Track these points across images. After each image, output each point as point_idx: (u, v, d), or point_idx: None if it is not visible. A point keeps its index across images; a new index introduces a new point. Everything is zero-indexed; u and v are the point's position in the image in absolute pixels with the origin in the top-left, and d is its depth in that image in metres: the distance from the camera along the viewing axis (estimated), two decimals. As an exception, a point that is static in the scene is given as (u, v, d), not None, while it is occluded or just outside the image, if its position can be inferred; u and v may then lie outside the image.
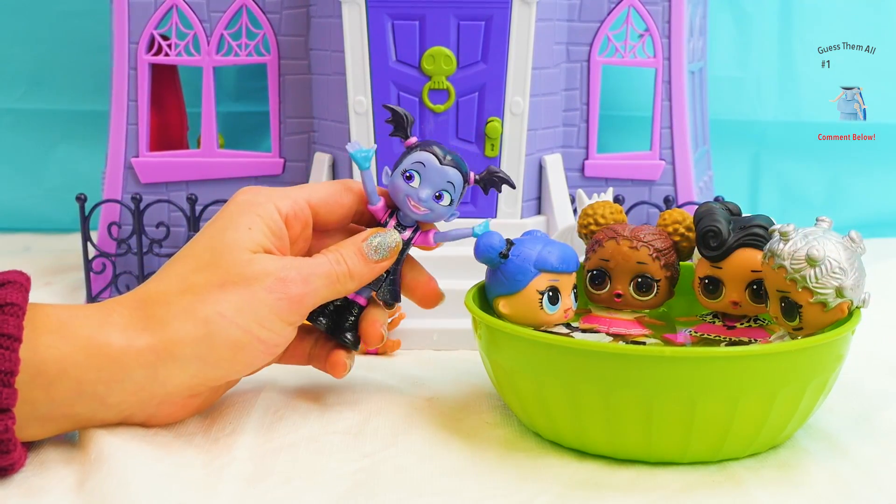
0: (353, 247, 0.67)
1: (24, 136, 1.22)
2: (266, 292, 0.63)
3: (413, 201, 0.67)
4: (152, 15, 0.93)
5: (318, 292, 0.65)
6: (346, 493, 0.58)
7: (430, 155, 0.67)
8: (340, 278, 0.66)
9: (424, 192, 0.67)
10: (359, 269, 0.67)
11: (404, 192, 0.67)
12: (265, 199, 0.67)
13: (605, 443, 0.62)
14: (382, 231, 0.68)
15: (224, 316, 0.62)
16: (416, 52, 0.85)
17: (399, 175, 0.67)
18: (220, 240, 0.65)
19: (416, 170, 0.67)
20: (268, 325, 0.64)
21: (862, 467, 0.62)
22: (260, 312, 0.63)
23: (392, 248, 0.68)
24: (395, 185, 0.67)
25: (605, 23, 0.94)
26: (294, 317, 0.65)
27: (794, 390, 0.60)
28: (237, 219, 0.66)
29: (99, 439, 0.62)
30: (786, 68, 1.22)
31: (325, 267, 0.66)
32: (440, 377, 0.77)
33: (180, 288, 0.63)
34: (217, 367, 0.63)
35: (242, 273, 0.63)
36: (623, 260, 0.70)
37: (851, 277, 0.61)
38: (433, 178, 0.67)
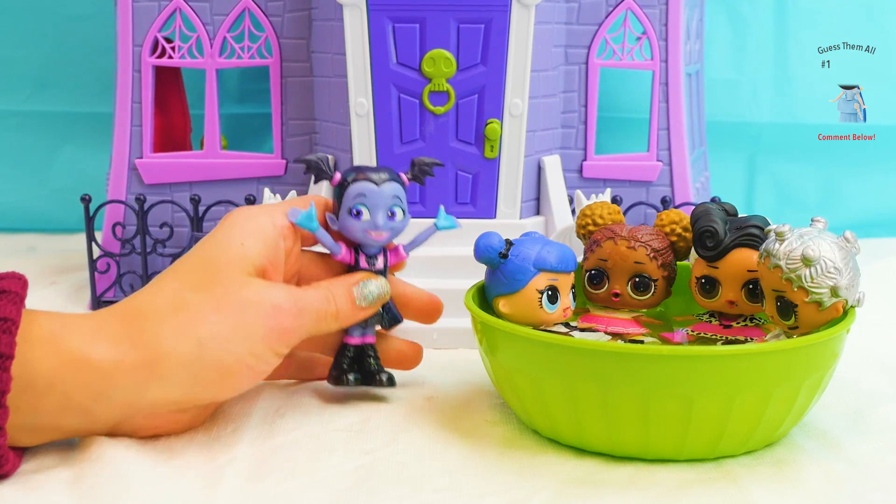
0: (344, 288, 0.67)
1: (29, 138, 1.22)
2: (260, 320, 0.62)
3: (373, 233, 0.67)
4: (156, 18, 0.93)
5: (306, 327, 0.65)
6: (347, 489, 0.58)
7: (366, 183, 0.67)
8: (327, 318, 0.66)
9: (379, 219, 0.67)
10: (345, 313, 0.67)
11: (360, 229, 0.67)
12: (260, 212, 0.66)
13: (604, 440, 0.62)
14: (374, 278, 0.68)
15: (216, 341, 0.61)
16: (416, 54, 0.85)
17: (346, 216, 0.67)
18: (214, 257, 0.64)
19: (360, 203, 0.66)
20: (258, 353, 0.63)
21: (856, 464, 0.62)
22: (252, 340, 0.62)
23: (381, 298, 0.68)
24: (347, 227, 0.67)
25: (603, 26, 0.94)
26: (282, 348, 0.64)
27: (790, 388, 0.60)
28: (231, 233, 0.65)
29: (100, 436, 0.62)
30: (781, 70, 1.22)
31: (316, 303, 0.65)
32: (440, 376, 0.77)
33: (174, 305, 0.62)
34: (205, 388, 0.62)
35: (237, 297, 0.62)
36: (621, 260, 0.70)
37: (846, 277, 0.61)
38: (379, 203, 0.67)
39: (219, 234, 0.65)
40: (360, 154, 0.87)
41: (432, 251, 0.86)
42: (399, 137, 0.87)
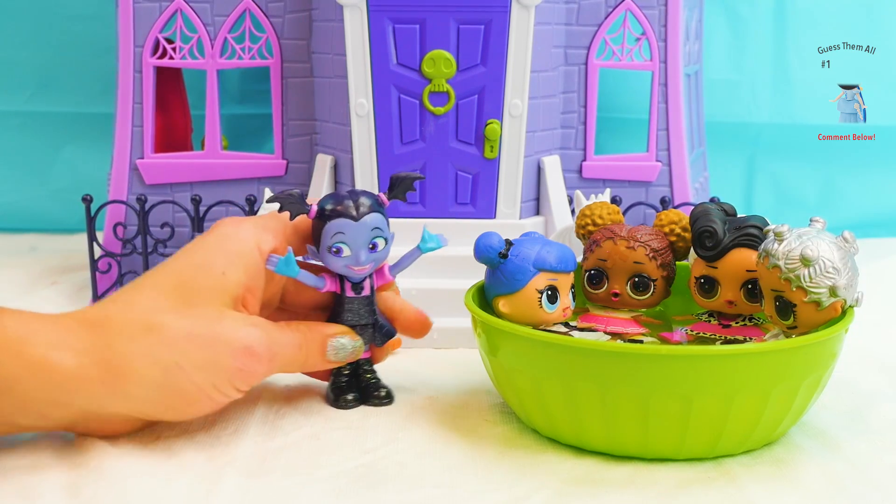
0: (319, 339, 0.67)
1: (31, 138, 1.22)
2: (230, 358, 0.62)
3: (355, 268, 0.66)
4: (157, 19, 0.93)
5: (272, 371, 0.65)
6: (346, 487, 0.58)
7: (344, 220, 0.65)
8: (294, 364, 0.66)
9: (361, 255, 0.66)
10: (313, 362, 0.67)
11: (343, 265, 0.66)
12: (248, 235, 0.65)
13: (603, 439, 0.62)
14: (352, 336, 0.68)
15: (183, 370, 0.60)
16: (416, 55, 0.85)
17: (326, 253, 0.65)
18: (194, 281, 0.63)
19: (339, 242, 0.65)
20: (222, 389, 0.62)
21: (855, 463, 0.62)
22: (218, 377, 0.62)
23: (352, 356, 0.68)
24: (329, 263, 0.66)
25: (603, 26, 0.94)
26: (245, 387, 0.64)
27: (789, 388, 0.60)
28: (215, 259, 0.63)
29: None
30: (780, 71, 1.22)
31: (291, 349, 0.65)
32: (440, 375, 0.77)
33: (146, 324, 0.60)
34: (164, 411, 0.62)
35: (211, 330, 0.61)
36: (620, 260, 0.70)
37: (845, 277, 0.61)
38: (359, 238, 0.65)
39: (202, 256, 0.64)
40: (361, 154, 0.87)
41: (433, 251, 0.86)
42: (399, 138, 0.87)
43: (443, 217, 0.88)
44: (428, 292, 0.84)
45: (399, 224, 0.87)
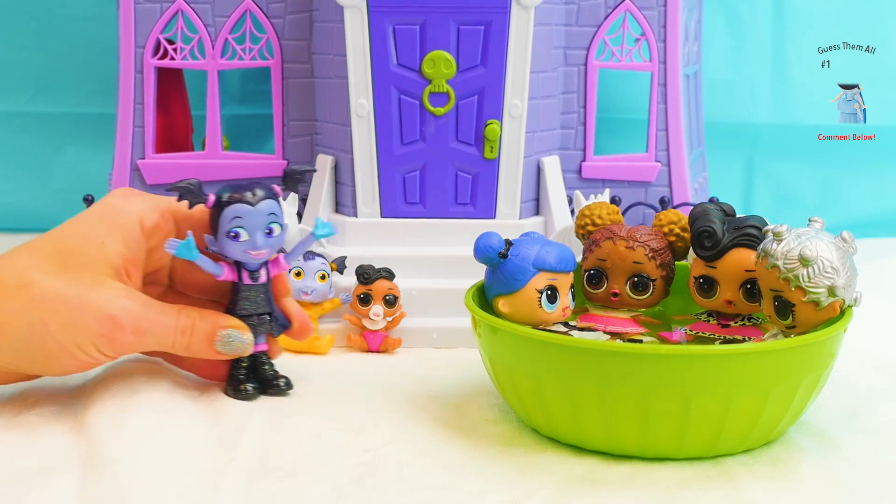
0: (209, 328, 0.67)
1: (32, 139, 1.22)
2: (94, 323, 0.64)
3: (253, 253, 0.67)
4: (158, 19, 0.93)
5: (144, 346, 0.66)
6: (347, 486, 0.58)
7: (242, 205, 0.66)
8: (176, 346, 0.67)
9: (257, 239, 0.67)
10: (198, 350, 0.68)
11: (240, 250, 0.67)
12: (132, 208, 0.67)
13: (602, 439, 0.62)
14: (242, 330, 0.68)
15: (47, 327, 0.63)
16: (416, 55, 0.85)
17: (224, 238, 0.67)
18: (73, 248, 0.65)
19: (236, 226, 0.66)
20: (85, 349, 0.64)
21: (853, 463, 0.62)
22: (81, 338, 0.64)
23: (239, 352, 0.69)
24: (227, 249, 0.67)
25: (602, 27, 0.94)
26: (111, 353, 0.65)
27: (787, 387, 0.60)
28: (95, 229, 0.66)
29: (104, 433, 0.62)
30: (779, 72, 1.22)
31: (166, 330, 0.66)
32: (440, 375, 0.77)
33: (20, 281, 0.64)
34: (29, 364, 0.65)
35: (82, 295, 0.64)
36: (620, 260, 0.70)
37: (843, 277, 0.61)
38: (256, 222, 0.67)
39: (84, 225, 0.66)
40: (361, 155, 0.87)
41: (433, 251, 0.86)
42: (399, 138, 0.87)
43: (443, 217, 0.88)
44: (428, 292, 0.84)
45: (399, 224, 0.88)
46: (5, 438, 0.64)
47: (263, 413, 0.69)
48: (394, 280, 0.82)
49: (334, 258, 0.84)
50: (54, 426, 0.66)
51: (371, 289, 0.81)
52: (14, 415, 0.67)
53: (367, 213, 0.88)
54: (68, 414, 0.67)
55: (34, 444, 0.63)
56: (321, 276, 0.82)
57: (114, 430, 0.63)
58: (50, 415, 0.67)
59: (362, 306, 0.82)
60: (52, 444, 0.63)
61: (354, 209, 0.88)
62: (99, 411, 0.66)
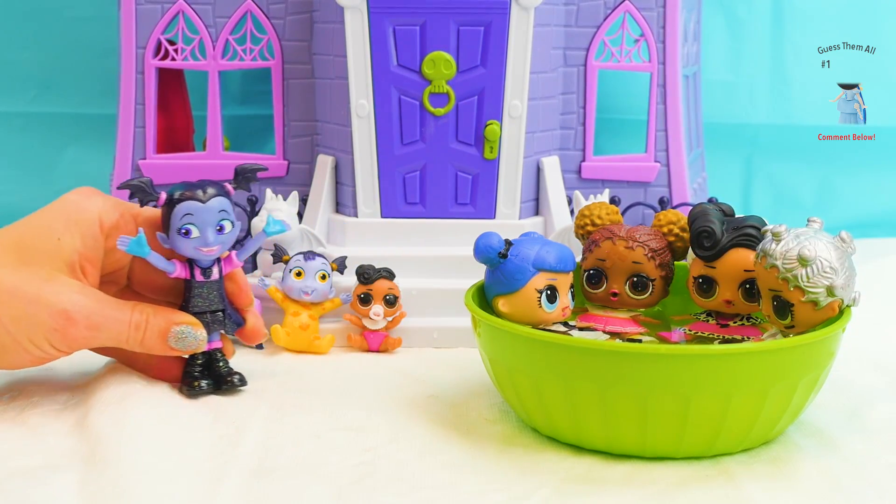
0: (163, 324, 0.68)
1: (34, 139, 1.22)
2: (48, 317, 0.64)
3: (204, 249, 0.68)
4: (159, 20, 0.93)
5: (97, 341, 0.67)
6: (348, 486, 0.58)
7: (192, 202, 0.67)
8: (130, 342, 0.67)
9: (209, 236, 0.68)
10: (152, 346, 0.68)
11: (192, 247, 0.68)
12: (93, 206, 0.68)
13: (602, 438, 0.62)
14: (196, 326, 0.69)
15: (0, 320, 0.64)
16: (416, 56, 0.85)
17: (176, 235, 0.68)
18: (30, 243, 0.66)
19: (188, 223, 0.67)
20: (37, 343, 0.65)
21: (851, 462, 0.62)
22: (34, 332, 0.65)
23: (193, 348, 0.69)
24: (179, 246, 0.68)
25: (602, 28, 0.94)
26: (65, 348, 0.66)
27: (786, 387, 0.60)
28: (54, 224, 0.67)
29: (105, 432, 0.62)
30: (778, 72, 1.22)
31: (119, 325, 0.67)
32: (440, 374, 0.77)
33: None
34: None
35: (35, 289, 0.64)
36: (619, 260, 0.70)
37: (842, 277, 0.62)
38: (207, 219, 0.68)
39: (44, 220, 0.67)
40: (361, 155, 0.87)
41: (433, 251, 0.86)
42: (400, 138, 0.87)
43: (443, 217, 0.88)
44: (428, 292, 0.84)
45: (399, 224, 0.88)
46: (8, 437, 0.64)
47: (263, 412, 0.69)
48: (394, 280, 0.82)
49: (335, 258, 0.84)
50: (56, 425, 0.66)
51: (371, 289, 0.82)
52: (16, 414, 0.67)
53: (367, 214, 0.88)
54: (70, 413, 0.67)
55: (36, 443, 0.63)
56: (321, 276, 0.82)
57: (115, 428, 0.63)
58: (52, 414, 0.67)
59: (362, 306, 0.82)
60: (54, 443, 0.63)
61: (355, 209, 0.88)
62: (100, 410, 0.66)
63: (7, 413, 0.67)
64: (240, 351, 0.81)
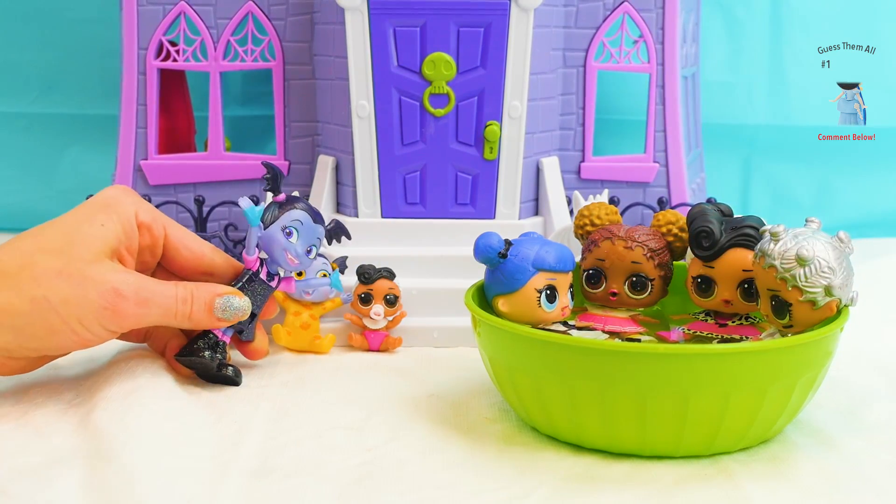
0: (208, 296, 0.69)
1: (36, 140, 1.22)
2: (97, 296, 0.65)
3: (290, 255, 0.72)
4: (161, 22, 0.93)
5: (148, 317, 0.67)
6: (349, 486, 0.58)
7: (305, 213, 0.72)
8: (178, 316, 0.68)
9: (301, 247, 0.72)
10: (200, 318, 0.69)
11: (283, 247, 0.71)
12: (130, 200, 0.69)
13: (601, 437, 0.62)
14: (240, 295, 0.70)
15: (49, 302, 0.64)
16: (417, 57, 0.85)
17: (279, 230, 0.71)
18: (74, 230, 0.67)
19: (295, 227, 0.71)
20: (87, 324, 0.65)
21: (849, 460, 0.62)
22: (83, 312, 0.65)
23: (239, 317, 0.70)
24: (273, 239, 0.71)
25: (601, 29, 0.94)
26: (115, 327, 0.66)
27: (784, 386, 0.60)
28: (96, 214, 0.68)
29: (109, 431, 0.62)
30: (776, 73, 1.22)
31: (167, 300, 0.67)
32: (440, 374, 0.77)
33: (21, 263, 0.65)
34: (30, 341, 0.65)
35: (83, 269, 0.65)
36: (618, 259, 0.70)
37: (840, 276, 0.62)
38: (308, 235, 0.72)
39: (84, 211, 0.68)
40: (362, 155, 0.87)
41: (433, 251, 0.86)
42: (400, 139, 0.87)
43: (443, 217, 0.88)
44: (428, 292, 0.84)
45: (400, 224, 0.88)
46: (13, 436, 0.64)
47: (265, 412, 0.69)
48: (394, 280, 0.82)
49: (335, 258, 0.84)
50: (60, 424, 0.66)
51: (372, 288, 0.82)
52: (21, 413, 0.67)
53: (367, 214, 0.88)
54: (74, 412, 0.67)
55: (41, 441, 0.63)
56: (322, 276, 0.82)
57: (118, 427, 0.63)
58: (56, 414, 0.67)
59: (363, 306, 0.82)
60: (58, 442, 0.63)
61: (355, 209, 0.88)
62: (103, 408, 0.66)
63: (12, 413, 0.67)
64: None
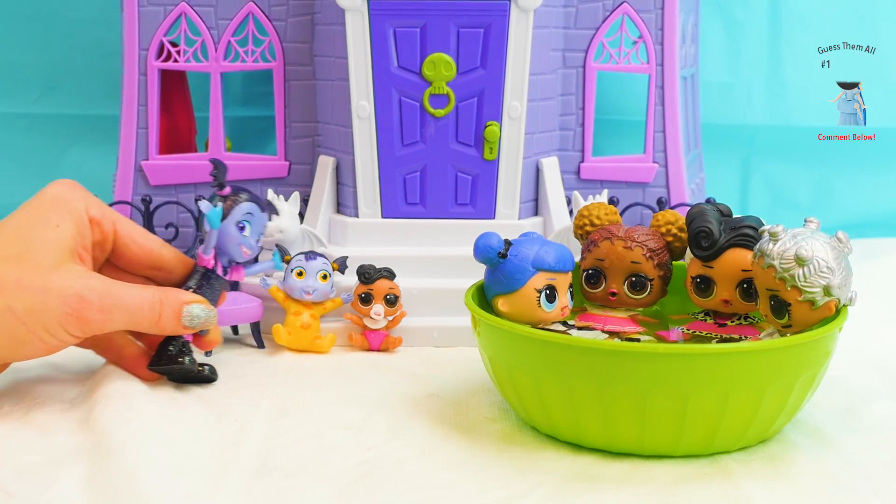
0: (176, 304, 0.68)
1: (37, 140, 1.22)
2: (60, 304, 0.64)
3: (245, 248, 0.72)
4: (162, 22, 0.93)
5: (113, 323, 0.66)
6: (349, 485, 0.58)
7: (253, 204, 0.72)
8: (145, 322, 0.67)
9: (253, 238, 0.72)
10: (167, 325, 0.68)
11: (237, 242, 0.71)
12: (79, 197, 0.69)
13: (601, 437, 0.62)
14: (207, 305, 0.69)
15: (14, 312, 0.64)
16: (417, 58, 0.85)
17: (233, 226, 0.71)
18: (28, 234, 0.66)
19: (247, 220, 0.71)
20: (52, 331, 0.65)
21: (848, 460, 0.62)
22: (48, 320, 0.64)
23: (205, 325, 0.69)
24: (228, 234, 0.71)
25: (600, 30, 0.94)
26: (79, 333, 0.66)
27: (783, 386, 0.60)
28: (47, 214, 0.67)
29: (109, 432, 0.62)
30: (775, 74, 1.22)
31: (134, 305, 0.66)
32: (440, 373, 0.77)
33: None
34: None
35: (44, 277, 0.64)
36: (618, 259, 0.70)
37: (838, 276, 0.62)
38: (258, 225, 0.72)
39: (34, 211, 0.67)
40: (362, 156, 0.87)
41: (433, 251, 0.86)
42: (400, 139, 0.87)
43: (443, 217, 0.88)
44: (428, 292, 0.84)
45: (400, 224, 0.88)
46: (16, 435, 0.64)
47: (265, 411, 0.69)
48: (394, 280, 0.82)
49: (336, 258, 0.84)
50: (62, 423, 0.66)
51: (372, 288, 0.82)
52: (23, 413, 0.67)
53: (368, 214, 0.88)
54: (75, 411, 0.68)
55: (43, 440, 0.63)
56: (323, 276, 0.82)
57: (119, 425, 0.63)
58: (57, 413, 0.68)
59: (363, 305, 0.82)
60: (59, 440, 0.63)
61: (356, 210, 0.88)
62: (105, 405, 0.66)
63: (14, 413, 0.67)
64: (243, 350, 0.82)
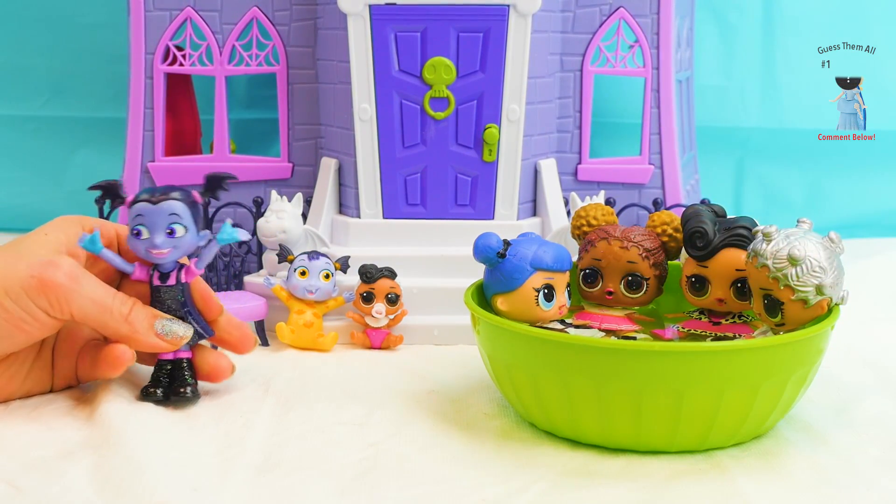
0: (150, 313, 0.67)
1: (46, 142, 1.22)
2: (25, 266, 0.63)
3: (153, 251, 0.66)
4: (167, 27, 0.93)
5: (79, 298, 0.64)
6: (351, 480, 0.58)
7: (143, 204, 0.66)
8: (115, 314, 0.65)
9: (157, 237, 0.66)
10: (139, 324, 0.66)
11: (143, 248, 0.66)
12: (76, 220, 0.68)
13: (597, 433, 0.62)
14: (183, 324, 0.68)
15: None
16: (417, 62, 0.85)
17: (130, 236, 0.66)
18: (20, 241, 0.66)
19: (138, 224, 0.66)
20: (13, 296, 0.63)
21: (840, 455, 0.62)
22: (11, 283, 0.63)
23: (177, 341, 0.67)
24: (133, 247, 0.67)
25: (597, 34, 0.94)
26: (41, 302, 0.64)
27: (777, 383, 0.60)
28: (42, 227, 0.67)
29: (116, 427, 0.62)
30: (768, 77, 1.22)
31: (107, 294, 0.65)
32: (440, 371, 0.77)
33: None
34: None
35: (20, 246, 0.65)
36: (614, 259, 0.70)
37: (831, 276, 0.62)
38: (156, 221, 0.66)
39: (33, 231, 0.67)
40: (364, 158, 0.87)
41: (433, 251, 0.86)
42: (401, 142, 0.87)
43: (443, 218, 0.88)
44: (428, 291, 0.84)
45: (401, 225, 0.88)
46: (25, 431, 0.64)
47: (269, 408, 0.69)
48: (395, 279, 0.82)
49: (338, 258, 0.84)
50: (68, 419, 0.66)
51: (374, 287, 0.82)
52: (31, 410, 0.67)
53: (369, 215, 0.88)
54: (82, 408, 0.68)
55: (51, 435, 0.63)
56: (325, 276, 0.82)
57: (126, 420, 0.63)
58: (65, 409, 0.68)
59: (365, 304, 0.82)
60: (67, 435, 0.63)
61: (357, 210, 0.88)
62: (111, 401, 0.66)
63: (21, 410, 0.67)
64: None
